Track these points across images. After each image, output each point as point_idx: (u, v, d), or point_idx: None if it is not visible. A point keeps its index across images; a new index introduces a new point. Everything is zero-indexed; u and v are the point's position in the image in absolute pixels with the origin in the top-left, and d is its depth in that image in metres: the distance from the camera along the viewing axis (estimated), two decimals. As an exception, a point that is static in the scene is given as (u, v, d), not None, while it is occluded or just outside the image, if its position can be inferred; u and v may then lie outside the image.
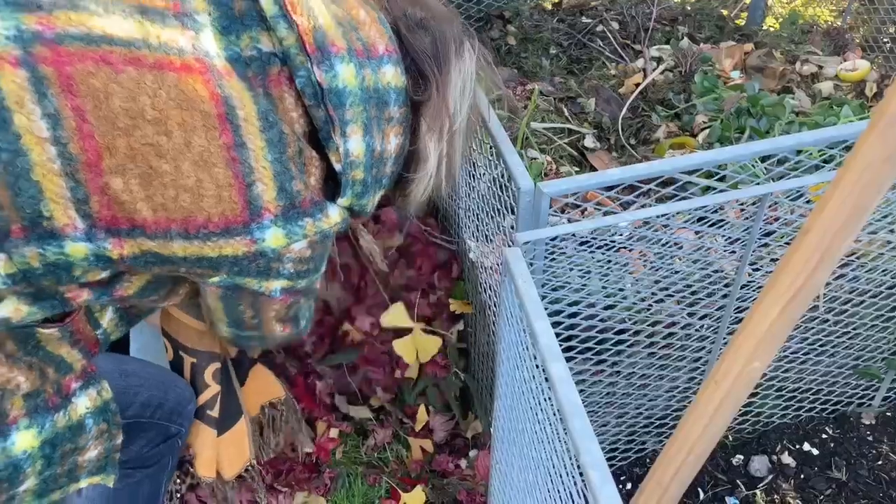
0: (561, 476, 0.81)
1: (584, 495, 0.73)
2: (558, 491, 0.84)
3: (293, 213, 0.81)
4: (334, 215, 0.86)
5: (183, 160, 0.74)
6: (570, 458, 0.76)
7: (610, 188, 1.12)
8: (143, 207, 0.75)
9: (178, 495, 1.61)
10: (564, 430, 0.77)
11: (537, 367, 0.87)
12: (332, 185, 0.89)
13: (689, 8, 2.69)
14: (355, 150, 0.85)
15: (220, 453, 1.33)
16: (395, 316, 1.61)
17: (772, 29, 3.02)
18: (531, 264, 1.13)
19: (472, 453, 1.74)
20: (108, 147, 0.72)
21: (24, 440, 0.88)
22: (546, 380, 0.83)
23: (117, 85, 0.71)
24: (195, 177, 0.75)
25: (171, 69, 0.73)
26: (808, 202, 1.26)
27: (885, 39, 2.52)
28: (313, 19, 0.80)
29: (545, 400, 0.85)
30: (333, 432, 1.73)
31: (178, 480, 1.63)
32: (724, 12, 2.83)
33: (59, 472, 0.94)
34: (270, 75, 0.81)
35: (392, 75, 0.87)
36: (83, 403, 0.95)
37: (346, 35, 0.83)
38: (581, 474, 0.73)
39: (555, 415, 0.81)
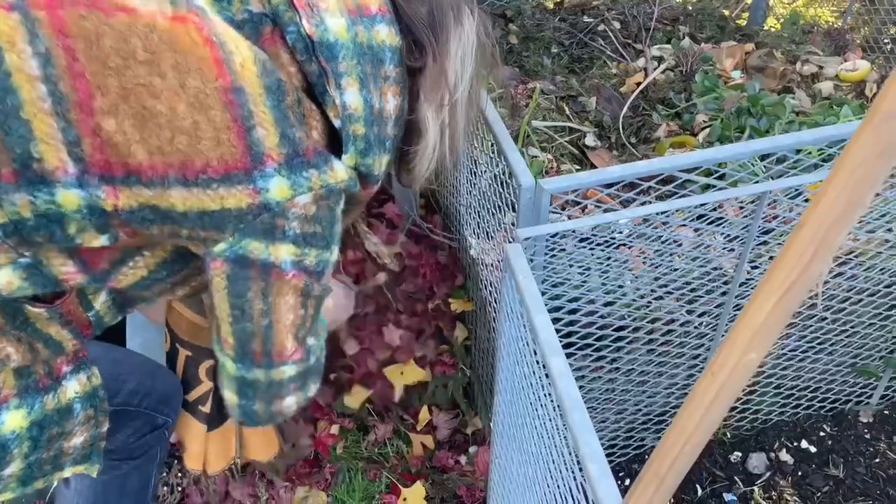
0: (560, 470, 0.82)
1: (583, 488, 0.74)
2: (557, 485, 0.85)
3: (297, 163, 0.78)
4: (340, 170, 0.82)
5: (178, 101, 0.73)
6: (570, 452, 0.77)
7: (610, 186, 1.13)
8: (138, 150, 0.73)
9: (180, 489, 1.62)
10: (564, 423, 0.78)
11: (537, 361, 0.88)
12: (335, 149, 0.87)
13: (690, 8, 2.70)
14: (353, 103, 0.83)
15: (208, 448, 1.34)
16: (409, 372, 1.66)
17: (773, 29, 3.03)
18: (531, 260, 1.14)
19: (471, 449, 1.75)
20: (100, 86, 0.70)
21: (13, 420, 0.88)
22: (546, 374, 0.84)
23: (108, 27, 0.70)
24: (191, 118, 0.73)
25: (162, 17, 0.72)
26: (806, 201, 1.27)
27: (885, 40, 2.53)
28: None
29: (545, 395, 0.86)
30: (334, 428, 1.74)
31: (180, 474, 1.64)
32: (726, 12, 2.84)
33: (44, 457, 0.94)
34: (263, 35, 0.81)
35: (386, 34, 0.86)
36: (72, 387, 0.95)
37: None
38: (580, 468, 0.74)
39: (555, 409, 0.82)
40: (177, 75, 0.72)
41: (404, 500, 1.64)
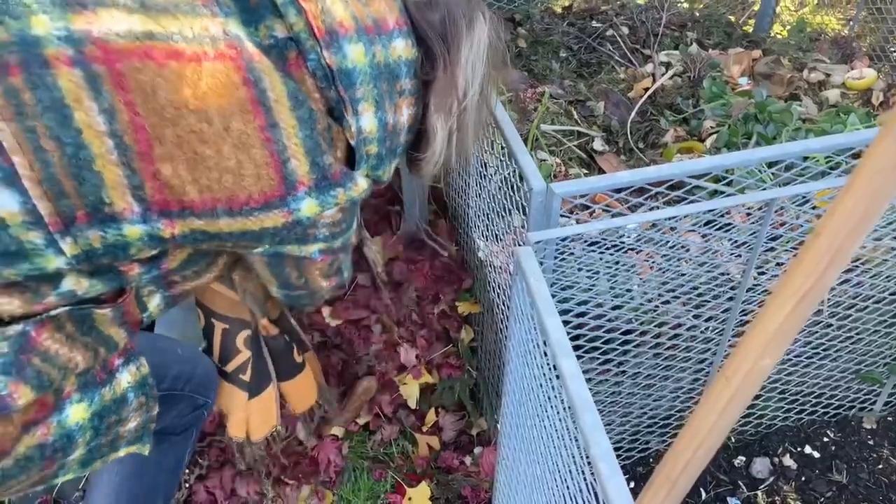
0: (570, 470, 0.83)
1: (593, 487, 0.75)
2: (567, 485, 0.86)
3: (325, 185, 0.87)
4: (362, 183, 0.92)
5: (223, 144, 0.80)
6: (580, 452, 0.78)
7: (619, 191, 1.14)
8: (191, 190, 0.81)
9: (187, 485, 1.63)
10: (575, 424, 0.79)
11: (548, 363, 0.89)
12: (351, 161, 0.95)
13: (697, 14, 2.71)
14: (367, 127, 0.90)
15: (250, 416, 1.40)
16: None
17: (779, 36, 3.04)
18: (541, 263, 1.15)
19: (476, 450, 1.76)
20: (158, 137, 0.77)
21: (76, 413, 0.93)
22: (557, 376, 0.85)
23: (162, 79, 0.76)
24: (235, 158, 0.81)
25: (206, 59, 0.78)
26: (814, 208, 1.28)
27: (892, 48, 2.54)
28: (321, 1, 0.84)
29: (555, 396, 0.87)
30: (339, 431, 1.75)
31: (187, 471, 1.65)
32: (733, 18, 2.85)
33: (103, 442, 0.99)
34: (289, 60, 0.86)
35: (403, 48, 0.91)
36: (125, 378, 1.00)
37: (355, 14, 0.87)
38: (590, 468, 0.75)
39: (565, 410, 0.83)
40: (222, 119, 0.80)
41: (409, 499, 1.65)
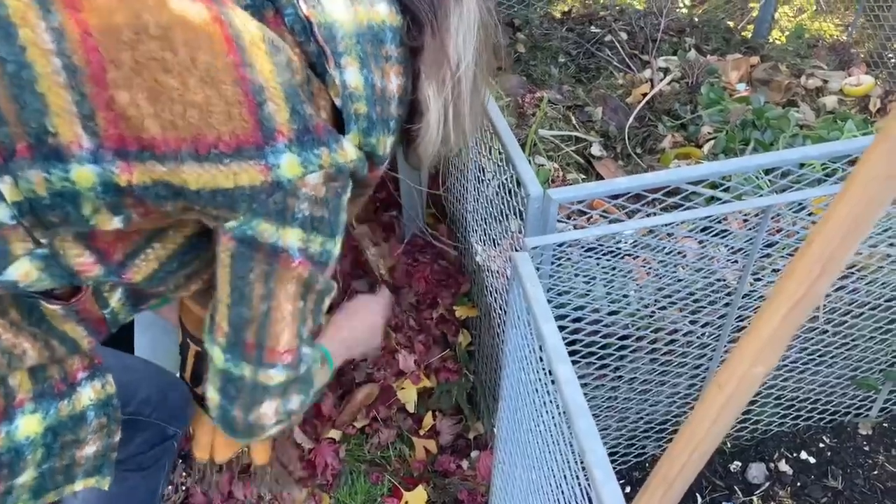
0: (565, 475, 0.84)
1: (587, 493, 0.76)
2: (562, 490, 0.86)
3: (308, 139, 0.78)
4: (350, 149, 0.83)
5: (189, 76, 0.73)
6: (575, 458, 0.79)
7: (617, 197, 1.15)
8: (151, 124, 0.73)
9: (184, 487, 1.63)
10: (570, 430, 0.80)
11: (544, 368, 0.89)
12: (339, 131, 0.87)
13: (696, 19, 2.72)
14: (353, 82, 0.83)
15: (215, 438, 1.37)
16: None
17: (778, 42, 3.05)
18: (538, 269, 1.15)
19: (473, 454, 1.76)
20: (113, 60, 0.71)
21: (28, 425, 0.88)
22: (552, 381, 0.85)
23: (120, 2, 0.71)
24: (203, 93, 0.74)
25: None
26: (810, 214, 1.28)
27: (889, 55, 2.55)
28: None
29: (551, 401, 0.87)
30: (335, 433, 1.75)
31: (185, 473, 1.65)
32: (731, 24, 2.87)
33: (56, 466, 0.93)
34: (267, 18, 0.82)
35: (386, 13, 0.86)
36: (87, 394, 0.94)
37: None
38: (585, 473, 0.75)
39: (560, 415, 0.84)
40: (188, 51, 0.73)
41: (406, 503, 1.65)
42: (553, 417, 0.87)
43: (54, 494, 0.95)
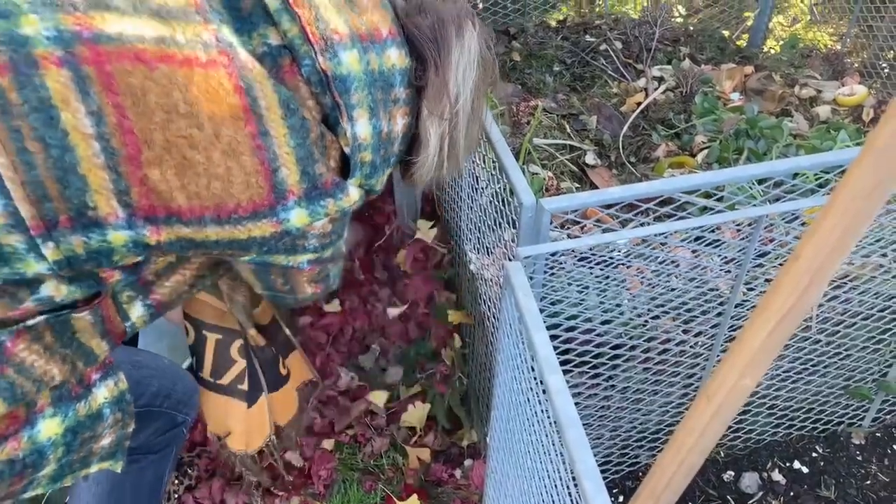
0: (556, 485, 0.84)
1: (578, 504, 0.75)
2: (553, 501, 0.86)
3: (315, 194, 0.85)
4: (354, 194, 0.89)
5: (213, 150, 0.79)
6: (565, 468, 0.79)
7: (610, 206, 1.15)
8: (179, 196, 0.80)
9: (176, 496, 1.62)
10: (560, 440, 0.79)
11: (535, 378, 0.89)
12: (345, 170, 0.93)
13: (691, 28, 2.73)
14: (362, 134, 0.88)
15: (250, 425, 1.39)
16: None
17: (772, 51, 3.07)
18: (531, 278, 1.15)
19: (467, 463, 1.76)
20: (147, 141, 0.76)
21: (49, 428, 0.91)
22: (544, 391, 0.85)
23: (152, 82, 0.75)
24: (224, 165, 0.79)
25: (198, 65, 0.77)
26: (802, 224, 1.29)
27: (883, 65, 2.56)
28: (314, 9, 0.83)
29: (542, 411, 0.87)
30: (328, 443, 1.75)
31: (177, 481, 1.64)
32: (726, 33, 2.88)
33: (75, 458, 0.97)
34: (283, 67, 0.84)
35: (397, 57, 0.90)
36: (102, 394, 0.98)
37: (349, 22, 0.86)
38: (576, 484, 0.75)
39: (551, 425, 0.83)
40: (212, 125, 0.78)
41: (399, 512, 1.65)
42: (545, 427, 0.87)
43: (70, 479, 0.99)
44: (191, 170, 0.79)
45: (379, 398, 1.77)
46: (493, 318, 1.44)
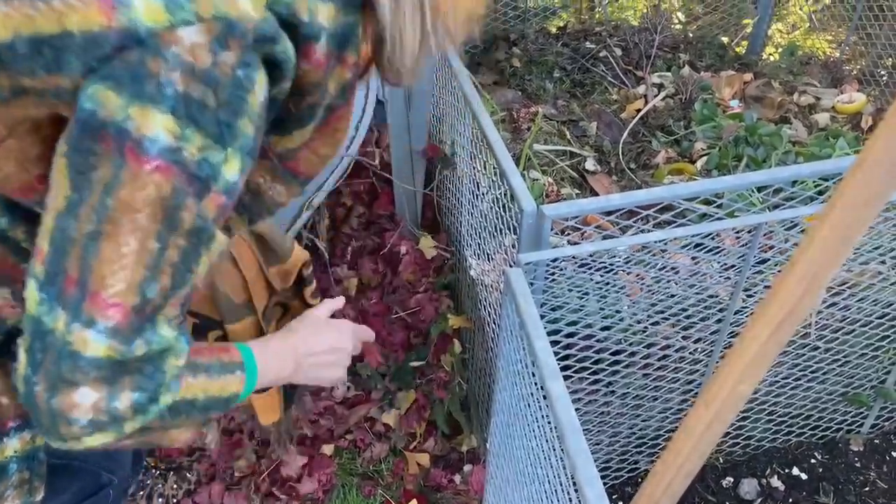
0: (556, 492, 0.84)
1: (578, 510, 0.76)
2: (553, 506, 0.86)
3: None
4: (243, 2, 0.58)
5: None
6: (566, 475, 0.79)
7: (610, 213, 1.16)
8: None
9: (175, 500, 1.63)
10: (562, 447, 0.80)
11: (536, 384, 0.90)
12: None
13: (690, 35, 2.75)
14: None
15: (255, 402, 1.20)
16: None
17: (771, 58, 3.08)
18: (531, 284, 1.16)
19: (466, 468, 1.76)
20: None
21: None
22: (544, 397, 0.86)
23: None
24: None
25: None
26: (802, 232, 1.30)
27: (881, 73, 2.58)
28: None
29: (542, 417, 0.88)
30: (328, 448, 1.75)
31: (175, 486, 1.65)
32: (725, 40, 2.89)
33: None
34: None
35: None
36: (13, 446, 0.83)
37: None
38: (576, 490, 0.75)
39: (552, 431, 0.84)
40: None
41: (398, 517, 1.65)
42: (545, 433, 0.87)
43: None
44: None
45: (389, 418, 1.77)
46: (494, 323, 1.45)
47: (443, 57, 1.60)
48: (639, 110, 2.14)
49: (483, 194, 1.45)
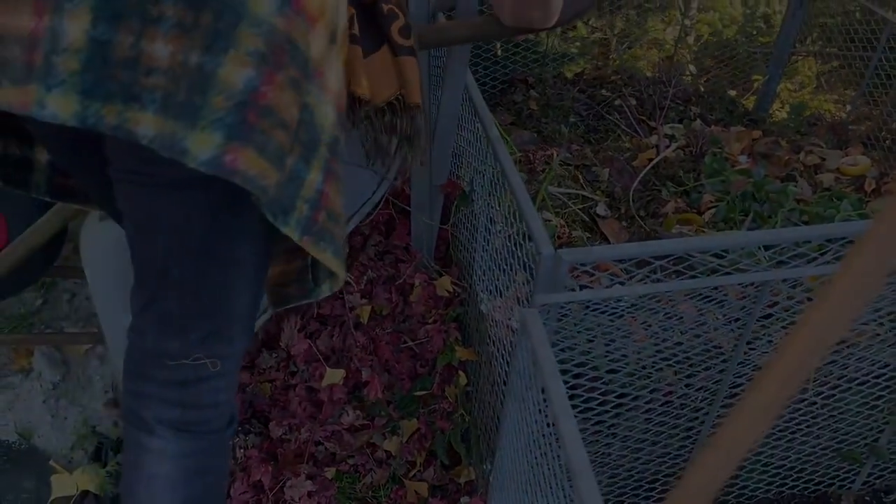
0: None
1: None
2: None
3: None
4: None
5: None
6: (574, 513, 0.82)
7: (622, 260, 1.21)
8: None
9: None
10: (570, 487, 0.83)
11: (548, 424, 0.93)
12: None
13: (702, 88, 2.83)
14: None
15: (370, 72, 1.07)
16: None
17: (779, 113, 3.17)
18: (544, 323, 1.20)
19: (463, 500, 1.78)
20: None
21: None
22: (556, 438, 0.89)
23: None
24: None
25: None
26: (806, 291, 1.34)
27: (885, 137, 2.65)
28: None
29: (554, 457, 0.91)
30: (329, 472, 1.77)
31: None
32: (733, 94, 2.98)
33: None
34: None
35: None
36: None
37: None
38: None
39: (561, 470, 0.88)
40: None
41: (394, 544, 1.67)
42: (554, 473, 0.91)
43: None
44: None
45: (391, 445, 1.79)
46: (502, 359, 1.48)
47: (466, 97, 1.66)
48: (651, 159, 2.20)
49: (497, 231, 1.49)
